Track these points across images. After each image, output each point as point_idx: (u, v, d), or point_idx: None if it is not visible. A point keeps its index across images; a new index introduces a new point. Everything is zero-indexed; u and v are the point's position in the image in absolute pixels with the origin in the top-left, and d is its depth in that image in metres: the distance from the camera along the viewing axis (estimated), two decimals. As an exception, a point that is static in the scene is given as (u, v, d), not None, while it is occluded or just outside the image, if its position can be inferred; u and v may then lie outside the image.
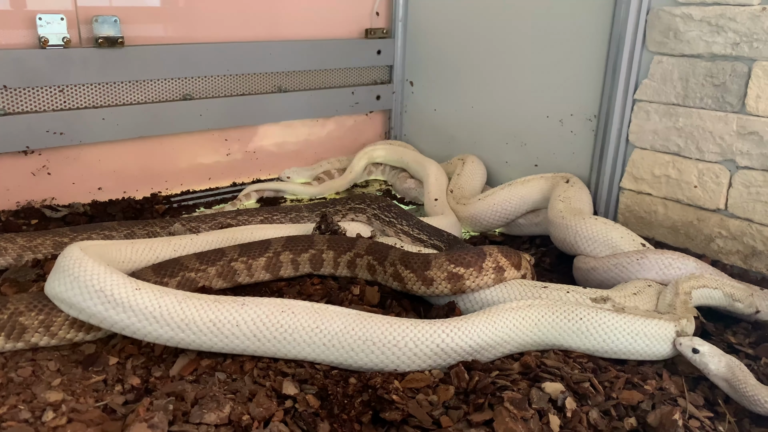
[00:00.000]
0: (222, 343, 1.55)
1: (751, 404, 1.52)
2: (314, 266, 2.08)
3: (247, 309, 1.56)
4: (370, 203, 2.48)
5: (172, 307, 1.52)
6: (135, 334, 1.54)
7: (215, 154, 3.17)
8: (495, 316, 1.65)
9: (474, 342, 1.60)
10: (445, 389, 1.48)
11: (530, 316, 1.69)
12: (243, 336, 1.54)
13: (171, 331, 1.52)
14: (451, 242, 2.19)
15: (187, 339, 1.53)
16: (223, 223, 2.39)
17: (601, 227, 2.24)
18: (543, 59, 2.89)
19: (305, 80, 3.35)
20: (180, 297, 1.54)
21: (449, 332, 1.58)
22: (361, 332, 1.55)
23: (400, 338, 1.55)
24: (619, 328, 1.68)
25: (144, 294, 1.53)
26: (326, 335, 1.55)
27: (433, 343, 1.56)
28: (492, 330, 1.62)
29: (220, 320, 1.53)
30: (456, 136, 3.41)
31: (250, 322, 1.54)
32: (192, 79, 2.96)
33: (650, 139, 2.51)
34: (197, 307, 1.53)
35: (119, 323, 1.52)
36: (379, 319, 1.59)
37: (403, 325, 1.58)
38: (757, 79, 2.17)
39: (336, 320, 1.57)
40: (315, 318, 1.57)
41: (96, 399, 1.44)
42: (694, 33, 2.30)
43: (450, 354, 1.58)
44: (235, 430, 1.31)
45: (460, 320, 1.63)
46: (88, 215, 2.66)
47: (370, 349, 1.54)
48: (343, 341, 1.55)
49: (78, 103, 2.66)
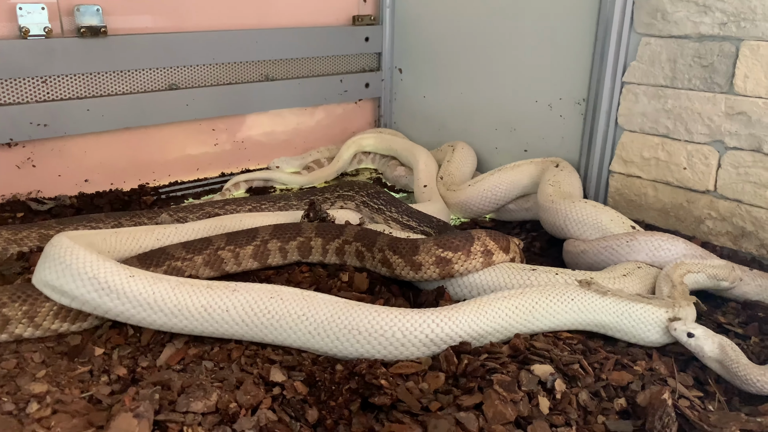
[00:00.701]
0: (212, 328, 1.55)
1: (742, 383, 1.52)
2: (302, 254, 2.06)
3: (237, 295, 1.56)
4: (358, 190, 2.46)
5: (166, 294, 1.53)
6: (129, 320, 1.55)
7: (203, 145, 3.14)
8: (486, 304, 1.62)
9: (464, 332, 1.57)
10: (435, 376, 1.46)
11: (522, 303, 1.66)
12: (232, 321, 1.54)
13: (164, 317, 1.53)
14: (440, 228, 2.17)
15: (180, 324, 1.54)
16: (210, 213, 2.37)
17: (591, 210, 2.23)
18: (531, 44, 2.87)
19: (293, 68, 3.32)
20: (173, 283, 1.55)
21: (439, 322, 1.55)
22: (347, 321, 1.53)
23: (388, 328, 1.52)
24: (609, 310, 1.68)
25: (138, 281, 1.53)
26: (312, 323, 1.54)
27: (422, 333, 1.53)
28: (483, 319, 1.59)
29: (211, 306, 1.53)
30: (446, 123, 3.39)
31: (240, 308, 1.54)
32: (178, 69, 2.93)
33: (639, 121, 2.50)
34: (190, 293, 1.54)
35: (113, 310, 1.53)
36: (367, 308, 1.56)
37: (391, 314, 1.55)
38: (745, 58, 2.16)
39: (323, 308, 1.55)
40: (303, 305, 1.56)
41: (81, 390, 1.42)
42: (681, 13, 2.29)
43: (439, 344, 1.55)
44: (223, 418, 1.29)
45: (450, 309, 1.59)
46: (74, 207, 2.63)
47: (356, 338, 1.52)
48: (329, 330, 1.53)
49: (62, 95, 2.63)
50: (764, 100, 2.14)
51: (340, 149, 3.31)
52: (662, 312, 1.68)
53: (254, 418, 1.32)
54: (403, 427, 1.30)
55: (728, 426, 1.34)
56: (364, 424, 1.32)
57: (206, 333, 1.57)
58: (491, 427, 1.31)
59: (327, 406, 1.38)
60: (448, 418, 1.29)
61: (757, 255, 2.24)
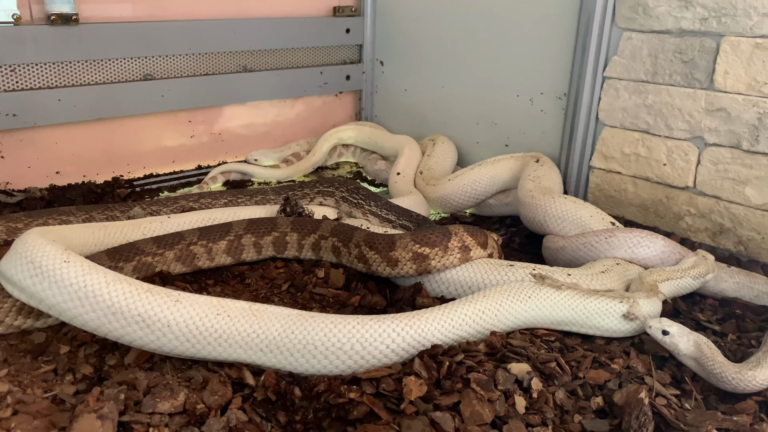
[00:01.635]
0: (148, 341, 1.40)
1: (718, 381, 1.51)
2: (278, 249, 2.02)
3: (180, 307, 1.40)
4: (338, 186, 2.43)
5: (98, 288, 1.38)
6: (61, 315, 1.41)
7: (179, 136, 3.07)
8: (449, 311, 1.55)
9: (426, 340, 1.48)
10: (416, 383, 1.36)
11: (486, 307, 1.61)
12: (173, 336, 1.39)
13: (97, 318, 1.38)
14: (419, 222, 2.15)
15: (115, 332, 1.39)
16: (185, 207, 2.32)
17: (571, 206, 2.21)
18: (513, 37, 2.85)
19: (272, 59, 3.27)
20: (110, 278, 1.40)
21: (399, 330, 1.46)
22: (301, 335, 1.41)
23: (346, 340, 1.41)
24: (560, 305, 1.68)
25: (70, 267, 1.39)
26: (264, 340, 1.42)
27: (382, 343, 1.43)
28: (446, 326, 1.52)
29: (150, 316, 1.38)
30: (427, 116, 3.36)
31: (182, 324, 1.39)
32: (153, 59, 2.86)
33: (620, 116, 2.48)
34: (126, 293, 1.38)
35: (45, 300, 1.41)
36: (321, 319, 1.44)
37: (348, 324, 1.43)
38: (726, 54, 2.15)
39: (274, 323, 1.43)
40: (252, 321, 1.42)
41: (45, 389, 1.37)
42: (662, 8, 2.28)
43: (400, 354, 1.46)
44: (190, 418, 1.25)
45: (412, 317, 1.50)
46: (45, 200, 2.56)
47: (311, 353, 1.41)
48: (281, 346, 1.41)
49: (31, 84, 2.55)
50: (744, 97, 2.13)
51: (317, 142, 3.26)
52: (616, 304, 1.68)
53: (224, 419, 1.28)
54: (378, 428, 1.27)
55: (704, 425, 1.33)
56: (337, 427, 1.29)
57: (147, 347, 1.41)
58: (467, 427, 1.29)
59: (296, 423, 1.32)
60: (423, 419, 1.27)
61: (735, 252, 2.24)
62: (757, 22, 2.07)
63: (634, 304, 1.68)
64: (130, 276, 1.77)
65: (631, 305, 1.68)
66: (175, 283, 1.80)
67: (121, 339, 1.41)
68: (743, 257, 2.22)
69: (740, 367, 1.51)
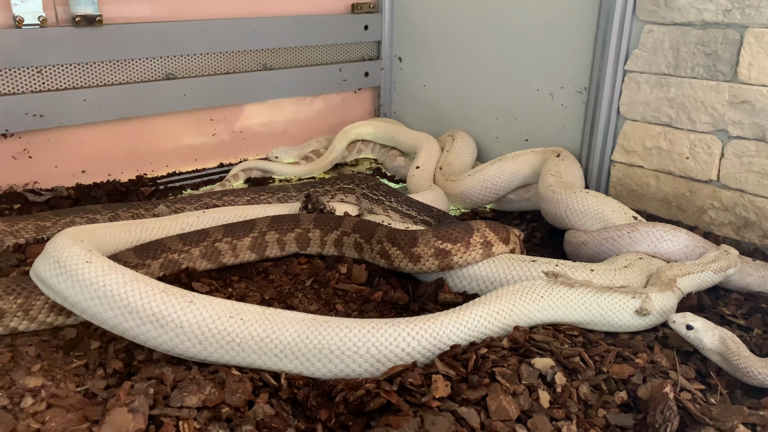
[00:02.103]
0: (162, 341, 1.41)
1: (744, 376, 1.50)
2: (300, 245, 2.04)
3: (193, 308, 1.40)
4: (359, 183, 2.44)
5: (116, 288, 1.41)
6: (83, 313, 1.45)
7: (201, 135, 3.11)
8: (463, 313, 1.55)
9: (443, 343, 1.49)
10: (444, 383, 1.36)
11: (500, 308, 1.60)
12: (186, 338, 1.40)
13: (114, 317, 1.41)
14: (440, 217, 2.16)
15: (131, 331, 1.41)
16: (208, 204, 2.35)
17: (593, 201, 2.20)
18: (532, 31, 2.84)
19: (291, 57, 3.29)
20: (128, 278, 1.43)
21: (414, 334, 1.46)
22: (316, 340, 1.41)
23: (361, 344, 1.42)
24: (574, 303, 1.68)
25: (92, 268, 1.43)
26: (278, 345, 1.41)
27: (398, 347, 1.44)
28: (462, 328, 1.53)
29: (163, 316, 1.39)
30: (445, 111, 3.36)
31: (195, 325, 1.39)
32: (174, 58, 2.89)
33: (641, 110, 2.46)
34: (141, 293, 1.41)
35: (69, 298, 1.45)
36: (336, 323, 1.44)
37: (363, 329, 1.44)
38: (750, 46, 2.13)
39: (288, 328, 1.43)
40: (266, 326, 1.42)
41: (77, 384, 1.41)
42: (684, 0, 2.25)
43: (415, 357, 1.46)
44: (217, 413, 1.28)
45: (427, 320, 1.50)
46: (72, 199, 2.61)
47: (327, 357, 1.41)
48: (296, 351, 1.41)
49: (57, 84, 2.60)
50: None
51: (334, 139, 3.27)
52: (629, 299, 1.68)
53: (251, 413, 1.31)
54: (399, 420, 1.28)
55: (730, 419, 1.33)
56: (360, 423, 1.31)
57: (160, 347, 1.42)
58: (492, 422, 1.29)
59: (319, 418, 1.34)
60: (447, 415, 1.28)
61: (760, 245, 2.22)
62: (782, 12, 2.04)
63: (646, 300, 1.68)
64: (157, 273, 1.81)
65: (643, 300, 1.68)
66: (201, 279, 1.83)
67: (136, 338, 1.43)
68: (768, 251, 2.20)
69: (766, 361, 1.50)
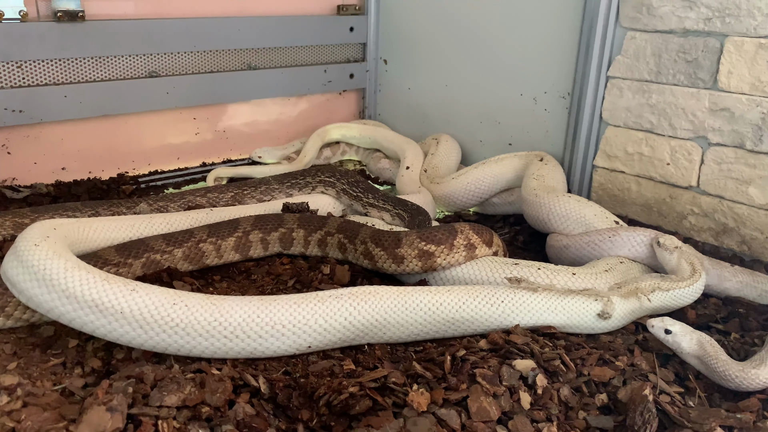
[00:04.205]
0: (104, 330, 1.41)
1: (721, 379, 1.52)
2: (284, 245, 2.04)
3: (135, 296, 1.40)
4: (339, 177, 2.44)
5: (56, 273, 1.40)
6: (20, 294, 1.44)
7: (184, 134, 3.09)
8: (408, 293, 1.60)
9: (382, 317, 1.55)
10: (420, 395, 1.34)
11: (446, 300, 1.62)
12: (127, 324, 1.40)
13: (51, 300, 1.40)
14: (413, 212, 2.17)
15: (68, 315, 1.40)
16: (191, 203, 2.32)
17: (575, 205, 2.22)
18: (517, 36, 2.86)
19: (276, 57, 3.28)
20: (70, 264, 1.42)
21: (356, 305, 1.53)
22: (269, 317, 1.46)
23: (310, 316, 1.48)
24: (538, 307, 1.68)
25: (40, 251, 1.43)
26: (228, 327, 1.43)
27: (342, 316, 1.51)
28: (402, 307, 1.57)
29: (103, 302, 1.38)
30: (430, 114, 3.37)
31: (137, 312, 1.39)
32: (158, 56, 2.87)
33: (623, 116, 2.49)
34: (81, 280, 1.40)
35: (17, 285, 1.43)
36: (285, 300, 1.50)
37: (311, 302, 1.51)
38: (729, 54, 2.16)
39: (238, 310, 1.45)
40: (212, 310, 1.43)
41: (54, 382, 1.38)
42: (666, 8, 2.28)
43: (360, 327, 1.53)
44: (197, 413, 1.26)
45: (369, 292, 1.57)
46: (51, 196, 2.57)
47: (280, 332, 1.46)
48: (248, 330, 1.44)
49: (37, 80, 2.56)
50: (748, 97, 2.14)
51: (307, 142, 3.19)
52: (591, 302, 1.70)
53: (231, 413, 1.30)
54: (381, 420, 1.28)
55: (708, 422, 1.34)
56: (343, 423, 1.30)
57: (99, 333, 1.42)
58: (473, 423, 1.30)
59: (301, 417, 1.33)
60: (429, 417, 1.28)
61: (738, 251, 2.25)
62: (761, 22, 2.07)
63: (608, 303, 1.70)
64: (139, 272, 1.79)
65: (605, 304, 1.70)
66: (183, 279, 1.81)
67: (83, 328, 1.42)
68: (746, 257, 2.23)
69: (744, 365, 1.52)
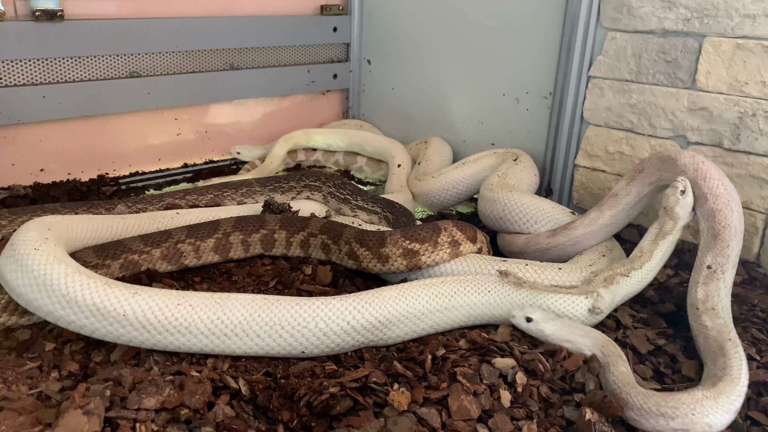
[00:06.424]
0: (106, 330, 1.42)
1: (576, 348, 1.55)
2: (266, 247, 2.02)
3: (138, 299, 1.42)
4: (325, 181, 2.43)
5: (56, 278, 1.40)
6: (19, 298, 1.44)
7: (165, 134, 3.06)
8: (407, 290, 1.63)
9: (383, 317, 1.55)
10: (400, 393, 1.36)
11: (442, 291, 1.66)
12: (130, 326, 1.41)
13: (51, 304, 1.41)
14: (399, 214, 2.17)
15: (67, 317, 1.42)
16: (170, 204, 2.30)
17: (530, 199, 2.24)
18: (499, 37, 2.87)
19: (258, 58, 3.26)
20: (71, 269, 1.43)
21: (359, 308, 1.53)
22: (268, 317, 1.47)
23: (311, 318, 1.48)
24: (528, 300, 1.70)
25: (38, 255, 1.43)
26: (229, 325, 1.45)
27: (344, 320, 1.50)
28: (403, 304, 1.59)
29: (105, 306, 1.40)
30: (414, 115, 3.37)
31: (140, 314, 1.41)
32: (139, 56, 2.84)
33: (604, 116, 2.51)
34: (83, 286, 1.41)
35: (10, 282, 1.44)
36: (287, 301, 1.51)
37: (313, 304, 1.51)
38: (707, 54, 2.18)
39: (239, 308, 1.47)
40: (215, 309, 1.46)
41: (30, 386, 1.36)
42: (646, 8, 2.30)
43: (360, 331, 1.53)
44: (175, 415, 1.25)
45: (371, 294, 1.58)
46: (29, 198, 2.54)
47: (278, 333, 1.47)
48: (248, 329, 1.46)
49: (15, 80, 2.53)
50: (725, 96, 2.17)
51: (273, 147, 3.10)
52: (582, 300, 1.70)
53: (211, 414, 1.29)
54: (361, 420, 1.27)
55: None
56: (323, 424, 1.30)
57: (100, 335, 1.43)
58: (454, 422, 1.30)
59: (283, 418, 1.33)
60: (410, 416, 1.27)
61: (717, 249, 2.27)
62: (738, 23, 2.10)
63: (597, 298, 1.70)
64: (117, 274, 1.77)
65: (595, 299, 1.70)
66: (163, 280, 1.79)
67: (70, 326, 1.43)
68: (725, 254, 2.26)
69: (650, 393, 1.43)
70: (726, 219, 1.77)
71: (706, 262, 1.77)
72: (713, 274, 1.74)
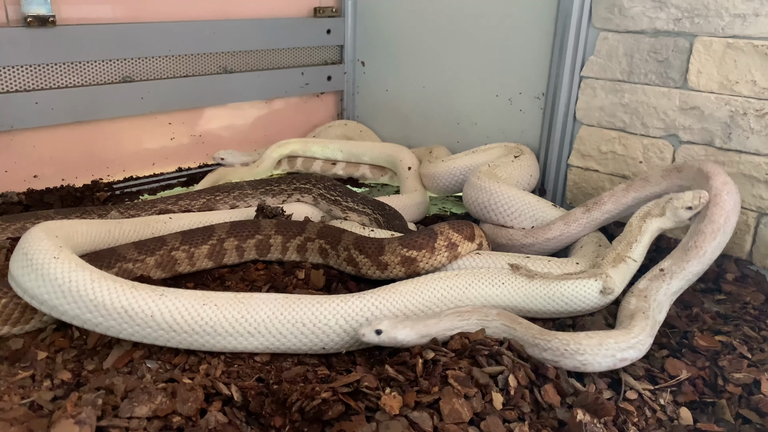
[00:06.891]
0: (132, 330, 1.46)
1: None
2: (260, 252, 2.02)
3: (165, 300, 1.47)
4: (315, 183, 2.43)
5: (83, 285, 1.43)
6: (42, 305, 1.47)
7: (159, 139, 3.06)
8: (422, 284, 1.68)
9: (400, 311, 1.60)
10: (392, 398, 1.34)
11: (457, 284, 1.71)
12: (157, 326, 1.46)
13: (77, 309, 1.44)
14: (389, 216, 2.19)
15: (94, 320, 1.45)
16: (162, 210, 2.31)
17: (515, 192, 2.26)
18: (492, 38, 2.87)
19: (252, 61, 3.26)
20: (95, 275, 1.46)
21: (377, 303, 1.58)
22: (290, 315, 1.52)
23: (331, 316, 1.53)
24: (542, 291, 1.74)
25: (59, 264, 1.45)
26: (252, 323, 1.50)
27: (364, 317, 1.55)
28: (419, 298, 1.64)
29: (132, 308, 1.44)
30: (408, 116, 3.38)
31: (167, 314, 1.45)
32: (132, 61, 2.84)
33: (597, 115, 2.51)
34: (110, 290, 1.44)
35: (30, 290, 1.47)
36: (308, 299, 1.56)
37: (333, 302, 1.56)
38: (698, 54, 2.19)
39: (263, 307, 1.52)
40: (239, 308, 1.51)
41: (22, 396, 1.36)
42: (638, 8, 2.31)
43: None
44: (168, 422, 1.26)
45: (387, 290, 1.64)
46: (23, 204, 2.53)
47: (300, 330, 1.52)
48: (271, 327, 1.51)
49: (7, 87, 2.53)
50: (716, 95, 2.17)
51: (266, 151, 3.07)
52: (592, 282, 1.74)
53: (203, 421, 1.29)
54: (353, 425, 1.28)
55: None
56: (316, 429, 1.30)
57: (127, 336, 1.47)
58: (445, 425, 1.30)
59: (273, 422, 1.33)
60: (401, 420, 1.28)
61: (710, 247, 2.28)
62: (729, 22, 2.10)
63: (607, 279, 1.74)
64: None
65: (605, 280, 1.73)
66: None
67: (96, 328, 1.46)
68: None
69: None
70: (705, 244, 1.82)
71: (663, 265, 1.84)
72: (662, 275, 1.80)
